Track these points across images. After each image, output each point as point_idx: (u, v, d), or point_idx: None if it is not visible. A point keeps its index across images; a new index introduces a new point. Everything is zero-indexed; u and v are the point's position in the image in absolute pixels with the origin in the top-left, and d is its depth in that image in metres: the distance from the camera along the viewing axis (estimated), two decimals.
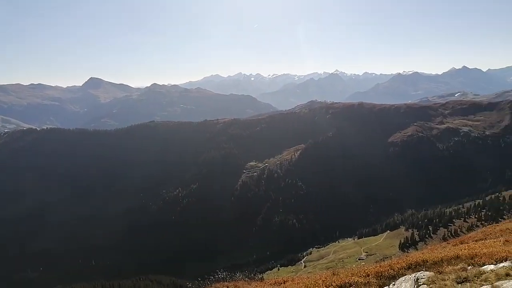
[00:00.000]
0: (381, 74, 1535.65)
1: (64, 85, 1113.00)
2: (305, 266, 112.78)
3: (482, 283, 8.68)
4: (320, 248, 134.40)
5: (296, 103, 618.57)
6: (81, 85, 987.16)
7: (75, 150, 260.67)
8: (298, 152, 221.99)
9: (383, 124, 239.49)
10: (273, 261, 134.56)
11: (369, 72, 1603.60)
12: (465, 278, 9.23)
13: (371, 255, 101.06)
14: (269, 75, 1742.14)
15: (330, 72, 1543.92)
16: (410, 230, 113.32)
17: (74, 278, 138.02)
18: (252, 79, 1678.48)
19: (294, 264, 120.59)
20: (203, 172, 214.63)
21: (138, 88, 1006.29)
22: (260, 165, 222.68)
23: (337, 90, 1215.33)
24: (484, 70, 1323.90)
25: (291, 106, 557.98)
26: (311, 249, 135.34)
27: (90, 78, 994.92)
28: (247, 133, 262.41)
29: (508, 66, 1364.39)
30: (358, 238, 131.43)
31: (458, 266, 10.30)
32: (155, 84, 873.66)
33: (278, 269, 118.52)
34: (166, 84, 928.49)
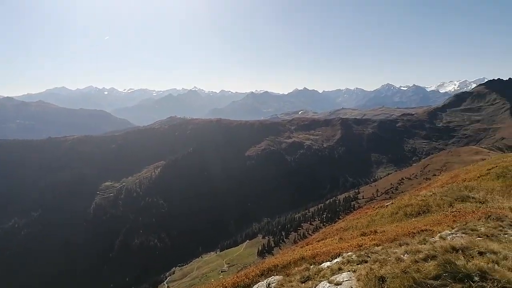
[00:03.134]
0: (236, 92, 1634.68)
1: None
2: (168, 287, 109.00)
3: (321, 279, 9.73)
4: (183, 266, 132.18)
5: (155, 119, 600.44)
6: None
7: None
8: (159, 169, 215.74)
9: (240, 139, 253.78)
10: (133, 287, 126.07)
11: (226, 90, 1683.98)
12: (308, 277, 10.29)
13: (232, 265, 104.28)
14: (125, 90, 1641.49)
15: (189, 89, 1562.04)
16: (266, 237, 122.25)
17: None
18: (106, 93, 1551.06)
19: (157, 287, 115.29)
20: (48, 197, 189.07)
21: None
22: (116, 185, 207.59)
23: (196, 106, 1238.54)
24: (320, 92, 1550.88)
25: (150, 122, 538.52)
26: (174, 268, 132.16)
27: None
28: (101, 151, 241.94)
29: (338, 89, 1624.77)
30: (221, 251, 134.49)
31: (302, 267, 11.45)
32: None
33: None
34: None
